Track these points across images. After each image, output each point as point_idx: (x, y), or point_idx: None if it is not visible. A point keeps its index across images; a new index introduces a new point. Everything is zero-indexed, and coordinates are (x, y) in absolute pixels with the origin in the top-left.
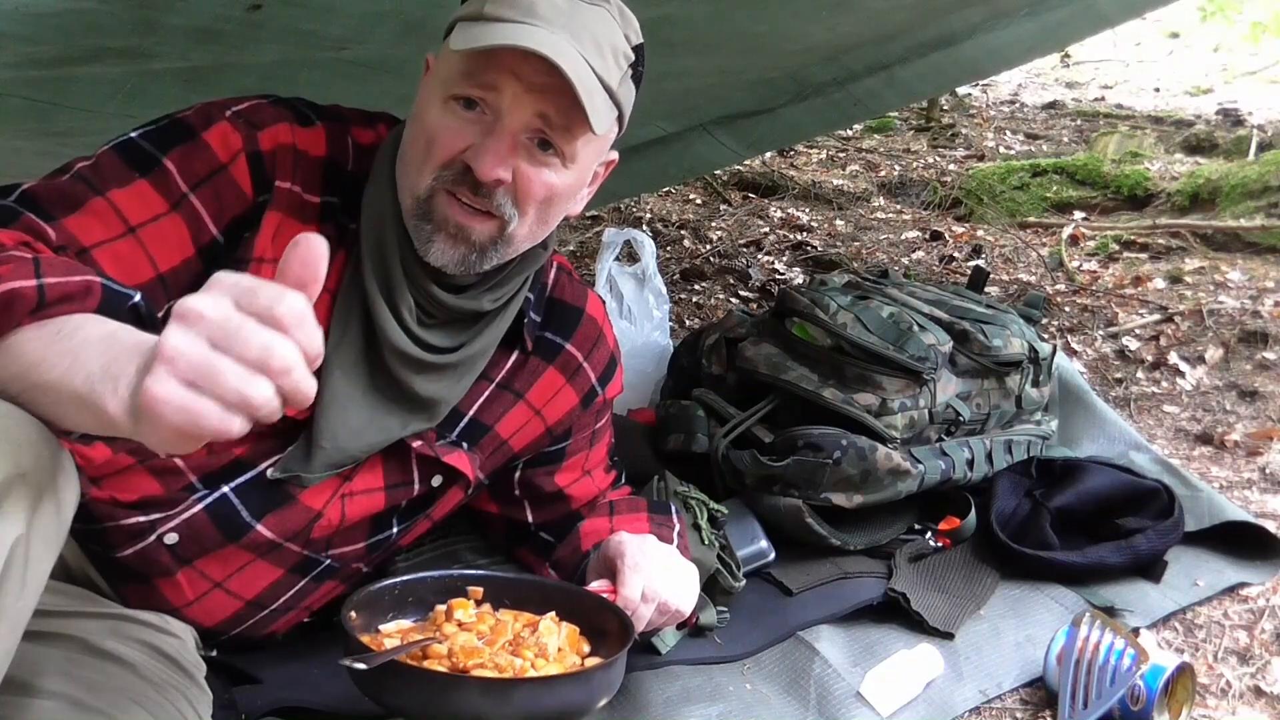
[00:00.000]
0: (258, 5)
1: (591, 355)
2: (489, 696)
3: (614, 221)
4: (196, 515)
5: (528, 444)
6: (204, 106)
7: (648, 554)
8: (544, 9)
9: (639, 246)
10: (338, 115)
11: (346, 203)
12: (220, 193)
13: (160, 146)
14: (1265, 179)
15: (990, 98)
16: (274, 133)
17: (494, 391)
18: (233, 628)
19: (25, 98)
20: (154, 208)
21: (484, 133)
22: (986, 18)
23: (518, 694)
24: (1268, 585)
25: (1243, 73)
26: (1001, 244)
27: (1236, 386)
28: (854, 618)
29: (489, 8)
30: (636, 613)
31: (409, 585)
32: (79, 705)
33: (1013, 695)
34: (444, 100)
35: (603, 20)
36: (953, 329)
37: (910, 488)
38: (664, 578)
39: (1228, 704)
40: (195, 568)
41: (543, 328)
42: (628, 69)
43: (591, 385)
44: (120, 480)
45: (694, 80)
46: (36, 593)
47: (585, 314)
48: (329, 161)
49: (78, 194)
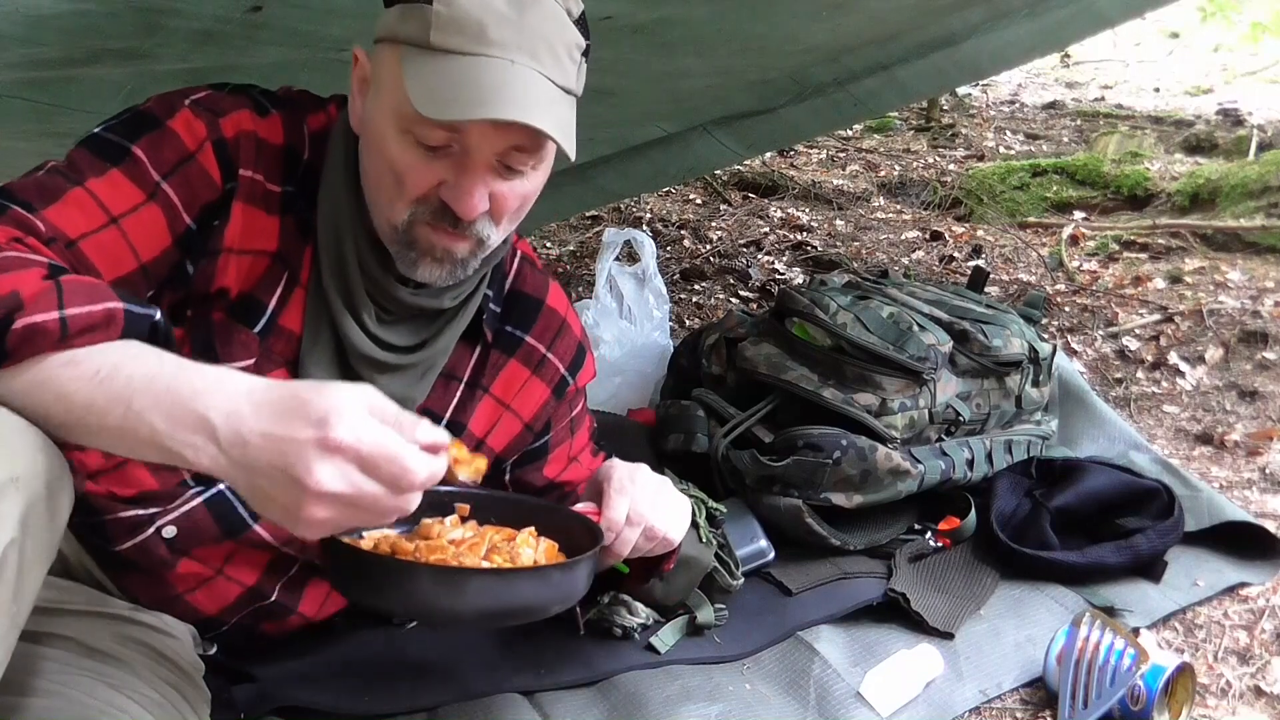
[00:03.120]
0: (258, 7)
1: (555, 345)
2: (441, 585)
3: (614, 221)
4: (196, 509)
5: (508, 444)
6: (162, 97)
7: (637, 480)
8: (494, 28)
9: (639, 246)
10: (290, 102)
11: (304, 191)
12: (190, 180)
13: (127, 137)
14: (1265, 179)
15: (990, 98)
16: (235, 120)
17: (464, 391)
18: (233, 615)
19: (26, 99)
20: (132, 197)
21: (455, 168)
22: (986, 18)
23: (471, 585)
24: (1268, 585)
25: (1243, 73)
26: (1001, 244)
27: (1236, 386)
28: (854, 618)
29: (436, 36)
30: (621, 535)
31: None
32: (77, 705)
33: (1013, 695)
34: (401, 131)
35: (549, 13)
36: (953, 329)
37: (910, 488)
38: (652, 501)
39: (1228, 704)
40: (194, 556)
41: (503, 320)
42: (580, 58)
43: (561, 375)
44: (117, 475)
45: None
46: (32, 597)
47: (545, 305)
48: (287, 150)
49: (57, 186)
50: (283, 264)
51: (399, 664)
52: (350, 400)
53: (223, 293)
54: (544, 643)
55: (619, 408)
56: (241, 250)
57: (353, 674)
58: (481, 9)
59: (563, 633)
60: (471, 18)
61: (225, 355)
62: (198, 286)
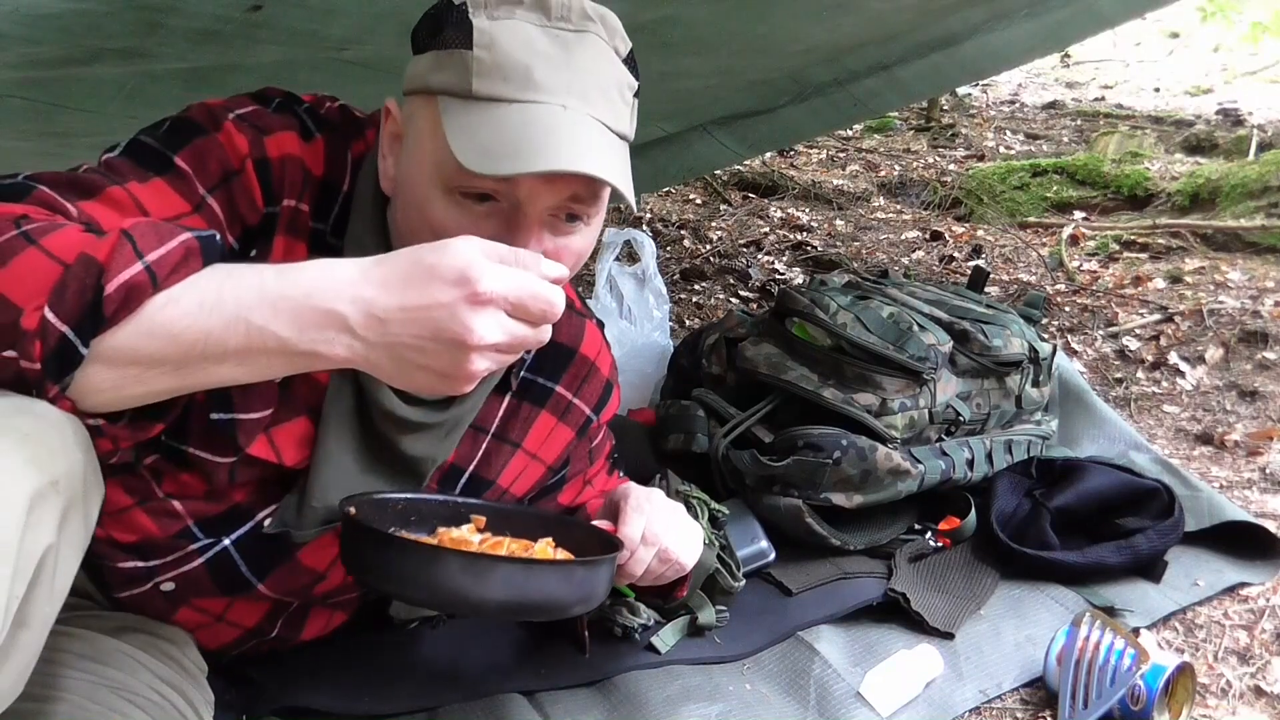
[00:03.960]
0: (258, 6)
1: (582, 390)
2: (468, 573)
3: (614, 221)
4: (196, 569)
5: (530, 486)
6: (205, 108)
7: (653, 501)
8: (541, 70)
9: (639, 246)
10: (334, 125)
11: (334, 231)
12: (234, 198)
13: (171, 147)
14: (1265, 179)
15: (990, 98)
16: (280, 141)
17: (491, 444)
18: (233, 650)
19: (26, 98)
20: (176, 207)
21: (504, 226)
22: (987, 18)
23: (497, 573)
24: (1268, 585)
25: (1243, 73)
26: (1001, 244)
27: (1236, 386)
28: (854, 618)
29: (479, 84)
30: (635, 554)
31: (413, 503)
32: (79, 706)
33: (1013, 695)
34: (446, 191)
35: (597, 51)
36: (953, 329)
37: (910, 488)
38: (667, 523)
39: (1228, 704)
40: (193, 606)
41: (534, 370)
42: (633, 99)
43: (586, 416)
44: (117, 520)
45: (694, 81)
46: (61, 599)
47: (578, 355)
48: (325, 182)
49: (93, 183)
50: None
51: (399, 664)
52: (475, 252)
53: None
54: (544, 643)
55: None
56: None
57: (353, 674)
58: (526, 51)
59: (563, 634)
60: (516, 61)
61: (241, 405)
62: None
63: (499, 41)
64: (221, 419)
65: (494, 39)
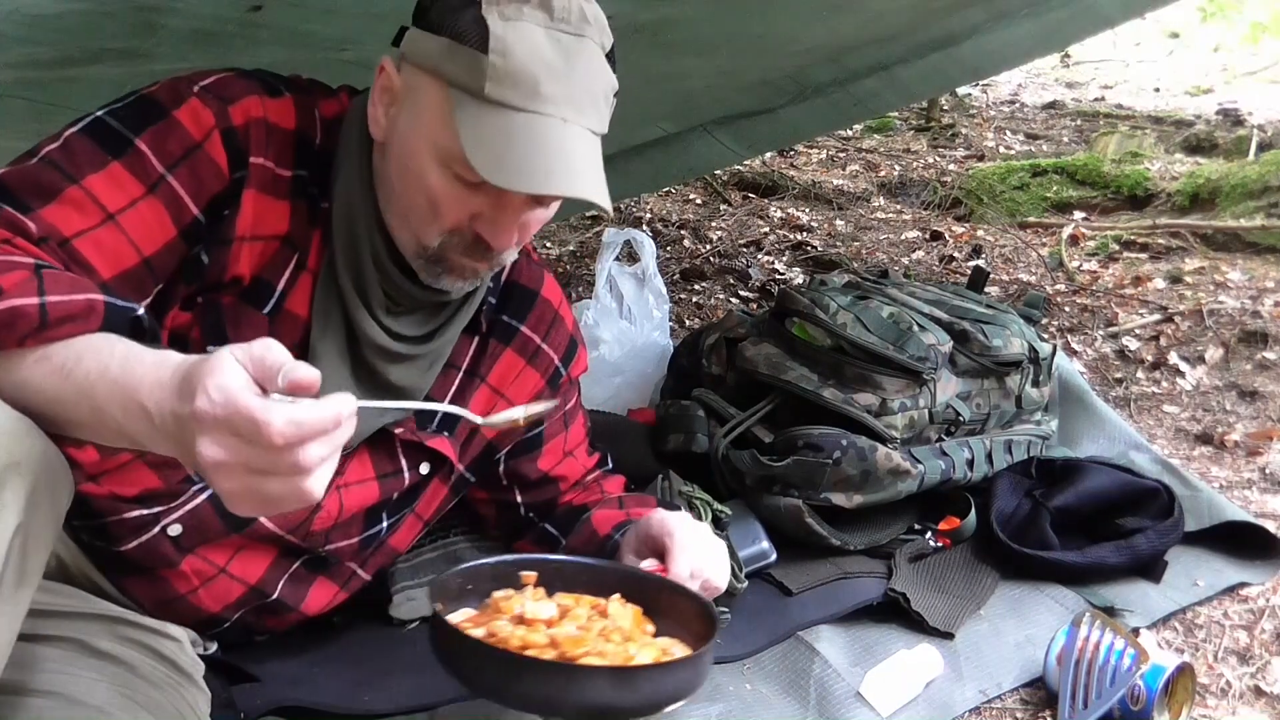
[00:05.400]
0: (258, 6)
1: (549, 337)
2: (618, 687)
3: (614, 221)
4: (201, 506)
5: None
6: (171, 83)
7: (694, 533)
8: (546, 83)
9: (639, 246)
10: (302, 86)
11: (315, 177)
12: (198, 171)
13: (132, 127)
14: (1265, 179)
15: (990, 98)
16: (245, 106)
17: (463, 379)
18: (234, 613)
19: (25, 99)
20: (130, 192)
21: (492, 205)
22: (987, 18)
23: (641, 680)
24: (1268, 585)
25: (1243, 73)
26: (1001, 244)
27: (1236, 386)
28: (854, 618)
29: (491, 89)
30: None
31: (468, 573)
32: (76, 705)
33: (1013, 695)
34: (443, 166)
35: (591, 57)
36: (953, 329)
37: (910, 488)
38: (707, 555)
39: (1228, 704)
40: (199, 554)
41: (499, 310)
42: (613, 99)
43: (555, 366)
44: (119, 475)
45: (694, 81)
46: (34, 583)
47: (540, 297)
48: (298, 134)
49: (53, 183)
50: (291, 247)
51: (399, 664)
52: (221, 364)
53: (236, 280)
54: None
55: (619, 408)
56: (254, 237)
57: (353, 673)
58: (535, 61)
59: None
60: (526, 72)
61: (235, 337)
62: (211, 275)
63: (512, 50)
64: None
65: (508, 47)
